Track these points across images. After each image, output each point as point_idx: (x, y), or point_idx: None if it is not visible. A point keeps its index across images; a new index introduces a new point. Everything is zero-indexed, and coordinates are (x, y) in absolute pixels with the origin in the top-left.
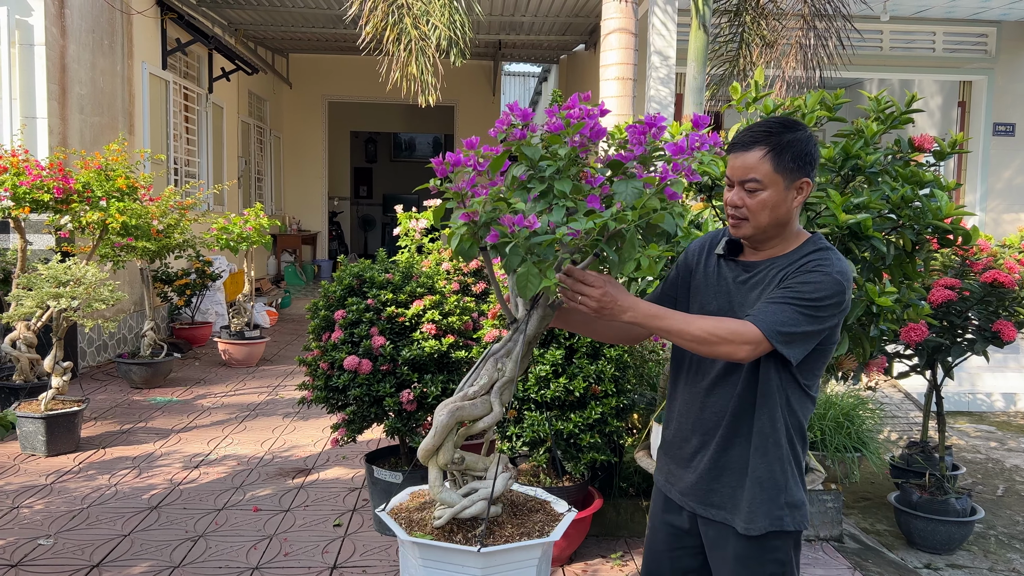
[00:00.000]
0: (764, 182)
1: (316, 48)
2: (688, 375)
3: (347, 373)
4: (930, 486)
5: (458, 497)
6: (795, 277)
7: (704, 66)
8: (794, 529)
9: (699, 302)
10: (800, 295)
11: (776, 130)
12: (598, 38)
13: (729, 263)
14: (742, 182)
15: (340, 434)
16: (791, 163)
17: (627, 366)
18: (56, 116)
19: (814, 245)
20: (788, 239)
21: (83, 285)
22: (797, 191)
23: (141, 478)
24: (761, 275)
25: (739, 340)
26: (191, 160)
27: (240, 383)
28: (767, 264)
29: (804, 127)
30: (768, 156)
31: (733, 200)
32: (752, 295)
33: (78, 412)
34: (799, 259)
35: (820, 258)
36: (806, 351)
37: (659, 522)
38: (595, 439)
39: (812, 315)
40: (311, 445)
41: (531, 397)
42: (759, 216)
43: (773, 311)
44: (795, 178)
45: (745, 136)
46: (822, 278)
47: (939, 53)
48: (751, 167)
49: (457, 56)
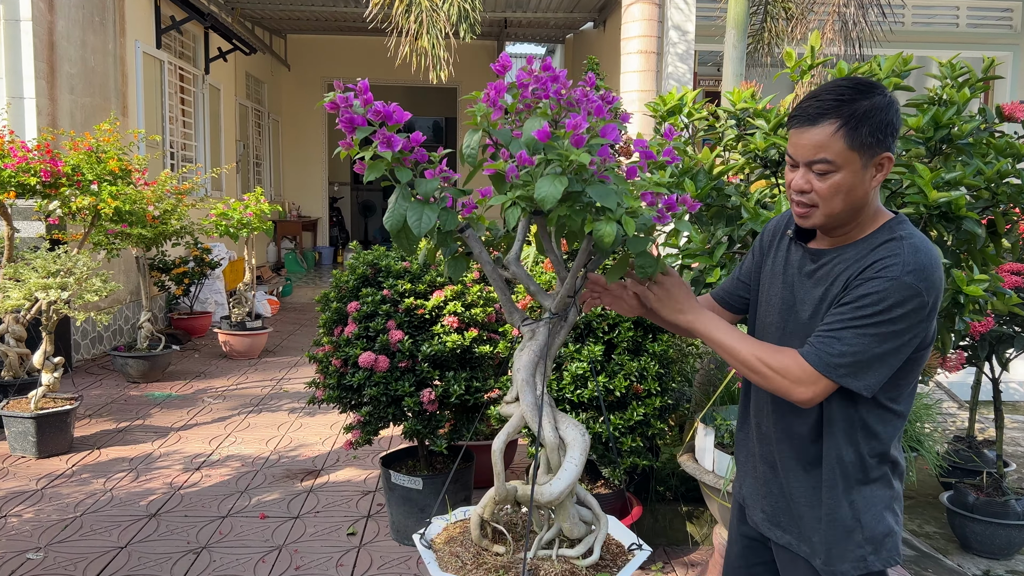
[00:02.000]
0: (837, 163)
1: (315, 28)
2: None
3: (362, 371)
4: (987, 486)
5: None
6: (855, 288)
7: (745, 33)
8: (881, 569)
9: (765, 293)
10: (861, 313)
11: (849, 96)
12: (607, 15)
13: (799, 247)
14: (809, 163)
15: (354, 436)
16: (869, 137)
17: (672, 362)
18: (44, 96)
19: (888, 233)
20: (864, 223)
21: (74, 276)
22: (877, 168)
23: (139, 482)
24: (827, 268)
25: (791, 377)
26: (187, 144)
27: (242, 376)
28: (835, 254)
29: (882, 89)
30: (842, 131)
31: (799, 184)
32: (815, 292)
33: (70, 411)
34: (867, 254)
35: (888, 254)
36: (885, 376)
37: (736, 534)
38: (636, 443)
39: (882, 332)
40: (319, 443)
41: (567, 397)
42: (831, 203)
43: (826, 341)
44: (874, 154)
45: (811, 106)
46: (886, 285)
47: (962, 29)
48: (820, 145)
49: (467, 32)
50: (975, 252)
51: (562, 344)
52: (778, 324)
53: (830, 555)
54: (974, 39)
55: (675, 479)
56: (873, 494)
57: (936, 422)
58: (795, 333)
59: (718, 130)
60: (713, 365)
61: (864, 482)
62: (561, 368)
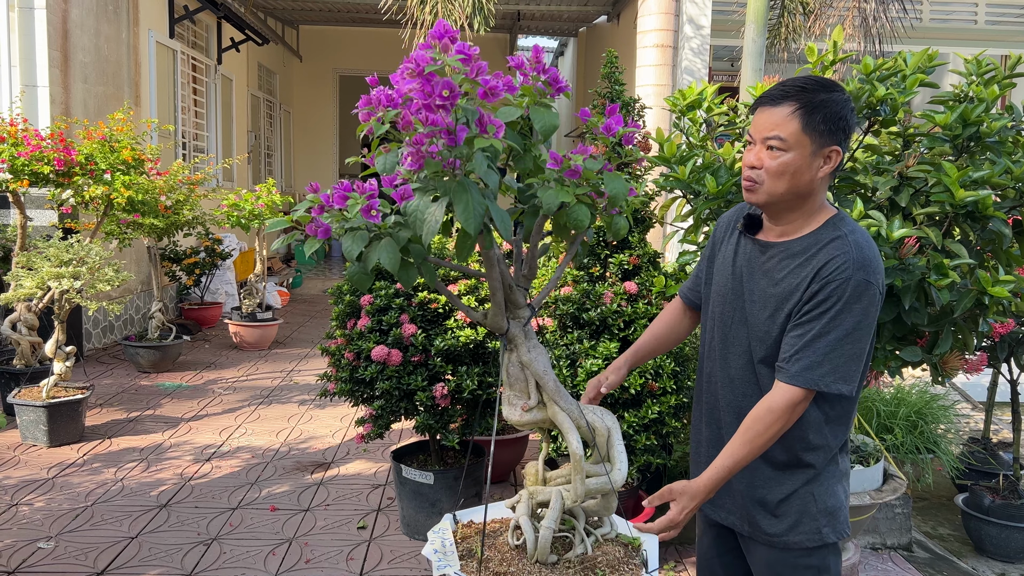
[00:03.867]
0: (788, 142)
1: (327, 19)
2: (708, 354)
3: (375, 364)
4: (1003, 489)
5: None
6: (814, 296)
7: (764, 28)
8: (835, 541)
9: (715, 284)
10: (825, 319)
11: (811, 87)
12: (621, 8)
13: (748, 240)
14: (765, 139)
15: (366, 430)
16: (822, 125)
17: (687, 359)
18: (58, 84)
19: (832, 231)
20: (809, 214)
21: (87, 265)
22: (824, 160)
23: (149, 472)
24: (775, 262)
25: (790, 410)
26: (199, 134)
27: (252, 367)
28: (782, 248)
29: (842, 90)
30: (797, 113)
31: (750, 160)
32: (768, 289)
33: (82, 400)
34: (815, 252)
35: (836, 253)
36: (862, 369)
37: (704, 524)
38: (651, 441)
39: (849, 330)
40: (330, 436)
41: (580, 395)
42: (777, 182)
43: (801, 357)
44: (824, 143)
45: (776, 90)
46: (842, 286)
47: (981, 26)
48: (776, 123)
49: (481, 24)
50: (1000, 252)
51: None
52: (723, 314)
53: (784, 525)
54: (993, 36)
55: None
56: (825, 471)
57: (951, 423)
58: (741, 324)
59: (738, 125)
60: None
61: (814, 453)
62: (576, 365)
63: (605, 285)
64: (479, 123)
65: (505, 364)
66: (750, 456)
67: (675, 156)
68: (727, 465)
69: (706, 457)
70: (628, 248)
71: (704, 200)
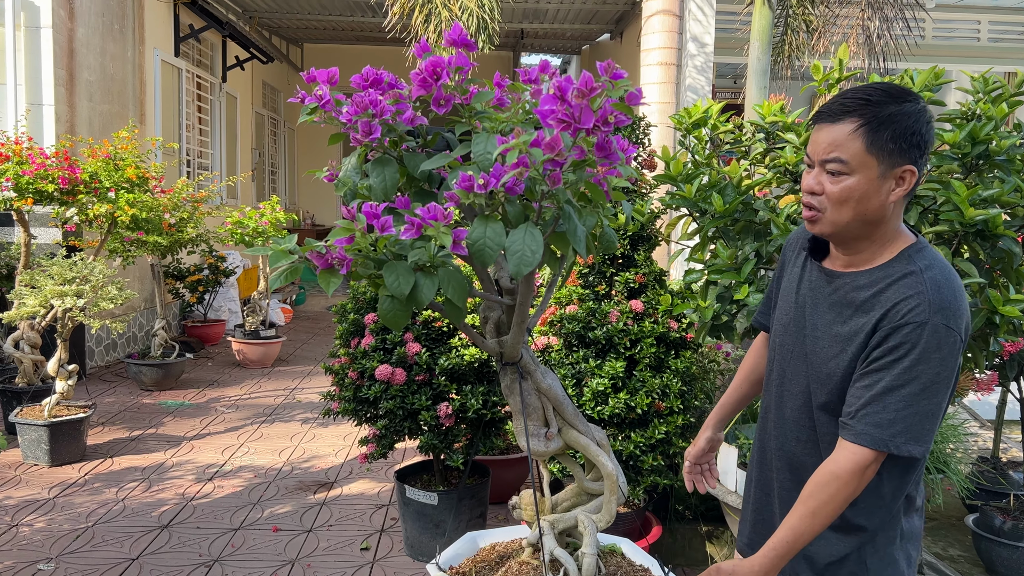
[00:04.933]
0: (851, 164)
1: (333, 38)
2: (766, 387)
3: (379, 383)
4: (1014, 509)
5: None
6: (884, 341)
7: (769, 46)
8: None
9: (779, 310)
10: (898, 369)
11: (877, 98)
12: (624, 26)
13: (814, 266)
14: (824, 162)
15: (369, 449)
16: (891, 143)
17: (695, 379)
18: (63, 103)
19: (906, 264)
20: (881, 244)
21: (90, 283)
22: (897, 181)
23: (151, 492)
24: (839, 294)
25: (858, 475)
26: (204, 151)
27: (255, 385)
28: (848, 280)
29: (916, 97)
30: (861, 131)
31: (810, 184)
32: (826, 318)
33: (84, 419)
34: (884, 288)
35: (909, 293)
36: (936, 426)
37: None
38: (658, 461)
39: (925, 384)
40: (333, 455)
41: (586, 414)
42: (840, 210)
43: (871, 414)
44: (895, 163)
45: (835, 104)
46: (917, 332)
47: (983, 43)
48: (837, 143)
49: (485, 42)
50: (1010, 271)
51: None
52: (783, 346)
53: None
54: (996, 53)
55: (695, 498)
56: (881, 533)
57: (960, 443)
58: (800, 360)
59: (744, 143)
60: None
61: (867, 522)
62: (581, 384)
63: (611, 303)
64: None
65: (517, 393)
66: (814, 530)
67: (681, 174)
68: (787, 540)
69: (754, 500)
70: (634, 266)
71: (711, 219)
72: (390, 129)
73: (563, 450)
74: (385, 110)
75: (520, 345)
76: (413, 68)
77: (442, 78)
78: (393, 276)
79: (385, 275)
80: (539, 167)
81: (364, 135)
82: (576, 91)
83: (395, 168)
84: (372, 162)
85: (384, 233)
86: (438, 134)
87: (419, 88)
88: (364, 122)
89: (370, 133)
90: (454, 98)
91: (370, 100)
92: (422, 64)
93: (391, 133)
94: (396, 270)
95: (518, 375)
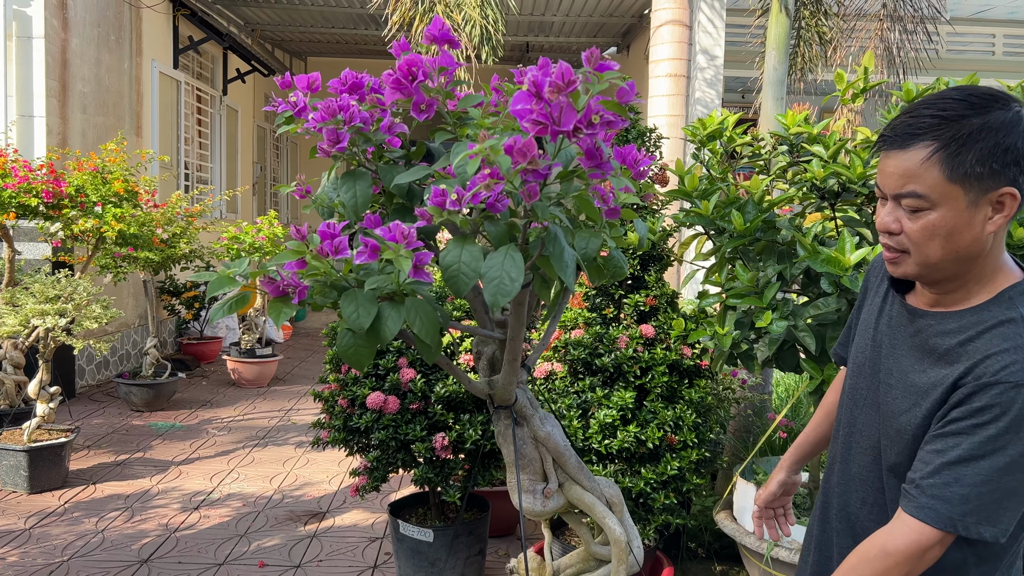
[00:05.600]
0: (931, 198)
1: (335, 51)
2: (834, 433)
3: (370, 412)
4: None
5: None
6: (967, 400)
7: (786, 55)
8: None
9: (852, 346)
10: (981, 437)
11: (953, 112)
12: (631, 40)
13: (897, 299)
14: (897, 196)
15: (361, 482)
16: (978, 166)
17: (710, 410)
18: (55, 115)
19: (1005, 309)
20: (978, 281)
21: (73, 302)
22: (994, 207)
23: (133, 522)
24: (920, 338)
25: (911, 561)
26: (203, 164)
27: (250, 406)
28: (933, 321)
29: (1006, 101)
30: (937, 157)
31: (885, 223)
32: (904, 362)
33: (66, 443)
34: (975, 336)
35: (1005, 345)
36: (1021, 508)
37: None
38: (670, 499)
39: (1013, 457)
40: (326, 482)
41: (593, 448)
42: (926, 249)
43: (940, 486)
44: (987, 188)
45: (903, 123)
46: (1009, 394)
47: (998, 57)
48: (909, 174)
49: (489, 54)
50: None
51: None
52: (855, 389)
53: None
54: (1010, 67)
55: (708, 534)
56: None
57: None
58: (872, 409)
59: (763, 157)
60: (751, 411)
61: None
62: (588, 415)
63: (619, 328)
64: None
65: (510, 441)
66: None
67: (697, 190)
68: None
69: (813, 562)
70: (644, 288)
71: (729, 238)
72: (365, 138)
73: (565, 509)
74: (355, 116)
75: (513, 386)
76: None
77: (419, 79)
78: (352, 306)
79: (343, 305)
80: (514, 178)
81: (330, 144)
82: (552, 85)
83: (368, 182)
84: (344, 175)
85: (337, 256)
86: (423, 145)
87: (393, 91)
88: (330, 130)
89: (337, 142)
90: (437, 103)
91: (339, 105)
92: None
93: (367, 143)
94: (356, 299)
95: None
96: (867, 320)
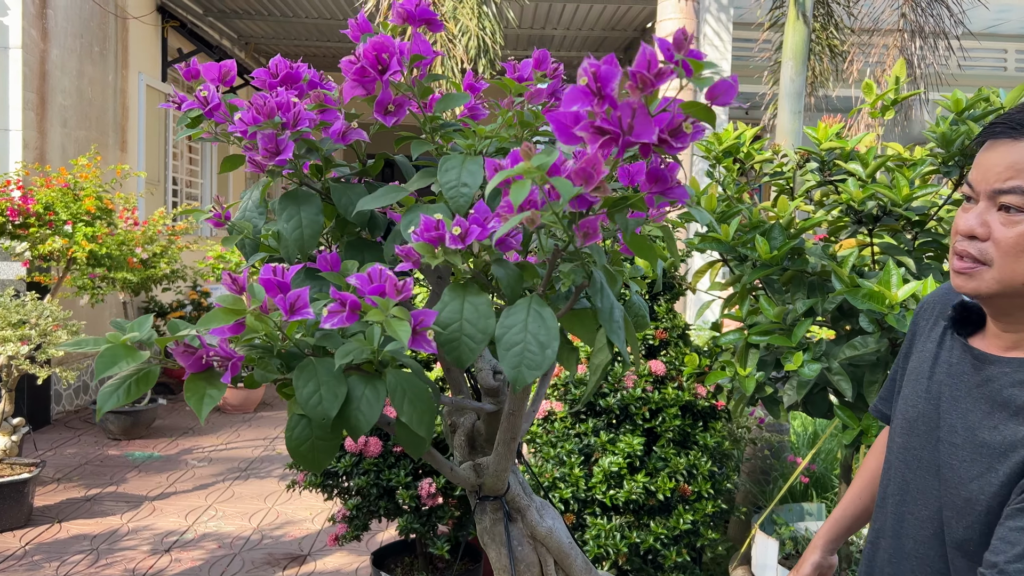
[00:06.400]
0: None
1: (330, 66)
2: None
3: (349, 455)
4: None
5: None
6: None
7: (804, 65)
8: None
9: (900, 398)
10: None
11: None
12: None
13: (957, 343)
14: (996, 193)
15: (340, 531)
16: None
17: (726, 456)
18: (32, 128)
19: None
20: None
21: (38, 328)
22: None
23: (97, 567)
24: (991, 388)
25: None
26: (193, 180)
27: (234, 433)
28: (1008, 368)
29: None
30: None
31: (969, 225)
32: (971, 417)
33: (29, 480)
34: None
35: None
36: None
37: None
38: (683, 556)
39: None
40: (309, 520)
41: (596, 498)
42: (1016, 264)
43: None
44: None
45: (1021, 113)
46: None
47: (1010, 72)
48: (1020, 166)
49: (486, 67)
50: None
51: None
52: (906, 450)
53: None
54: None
55: None
56: None
57: None
58: (931, 474)
59: (785, 175)
60: (768, 451)
61: None
62: (591, 462)
63: (626, 364)
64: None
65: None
66: None
67: (714, 212)
68: None
69: None
70: (654, 319)
71: (753, 267)
72: (312, 148)
73: None
74: (301, 118)
75: (507, 472)
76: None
77: (392, 69)
78: (311, 385)
79: (296, 383)
80: (561, 209)
81: (268, 155)
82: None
83: (317, 207)
84: (282, 197)
85: (295, 318)
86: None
87: (354, 84)
88: (267, 135)
89: (277, 153)
90: (408, 102)
91: (279, 103)
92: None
93: (311, 154)
94: (315, 375)
95: (503, 515)
96: (918, 369)
